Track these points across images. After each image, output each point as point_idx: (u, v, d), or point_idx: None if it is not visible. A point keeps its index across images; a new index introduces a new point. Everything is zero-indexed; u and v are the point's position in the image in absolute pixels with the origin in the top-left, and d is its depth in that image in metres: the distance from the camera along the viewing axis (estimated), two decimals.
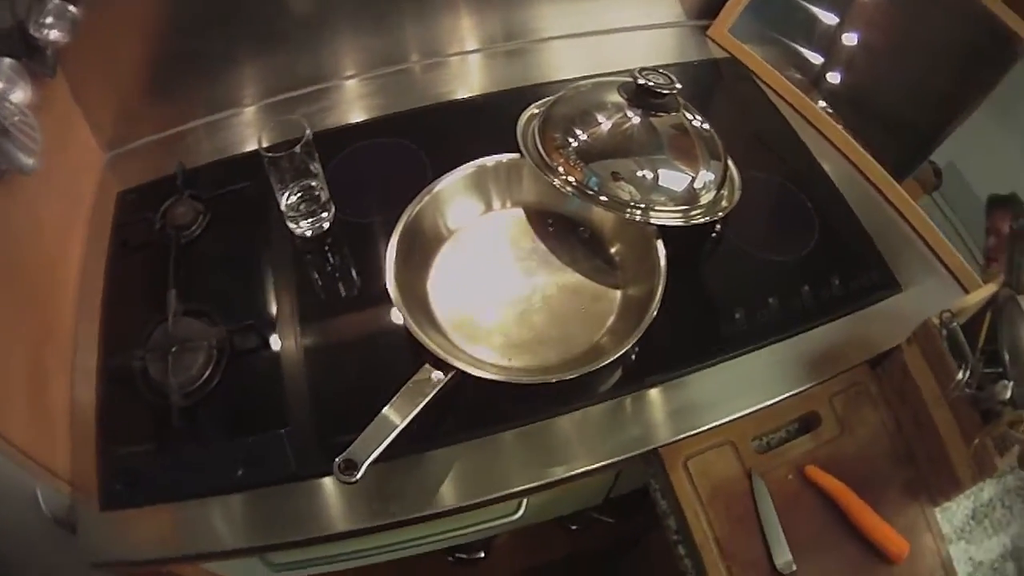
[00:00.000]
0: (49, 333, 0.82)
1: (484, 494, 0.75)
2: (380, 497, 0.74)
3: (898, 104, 1.05)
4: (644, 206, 0.83)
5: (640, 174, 0.85)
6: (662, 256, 0.82)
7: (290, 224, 0.92)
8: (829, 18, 1.10)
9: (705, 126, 0.90)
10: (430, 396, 0.73)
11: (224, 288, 0.90)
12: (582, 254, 0.90)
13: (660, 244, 0.83)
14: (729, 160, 0.90)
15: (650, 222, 0.83)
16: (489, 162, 0.90)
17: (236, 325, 0.84)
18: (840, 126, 1.04)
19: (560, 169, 0.86)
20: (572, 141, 0.87)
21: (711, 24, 1.17)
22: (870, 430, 0.78)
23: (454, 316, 0.84)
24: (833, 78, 1.11)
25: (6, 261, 0.77)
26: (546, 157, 0.87)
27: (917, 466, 0.76)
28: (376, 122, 1.05)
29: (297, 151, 0.84)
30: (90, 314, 0.87)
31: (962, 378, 0.67)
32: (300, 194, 0.90)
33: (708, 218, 0.86)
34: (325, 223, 0.93)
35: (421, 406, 0.72)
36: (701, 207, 0.86)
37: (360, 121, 1.06)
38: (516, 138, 0.90)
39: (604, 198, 0.83)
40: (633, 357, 0.81)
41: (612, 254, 0.90)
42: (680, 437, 0.77)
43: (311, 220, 0.92)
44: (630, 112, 0.87)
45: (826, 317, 0.85)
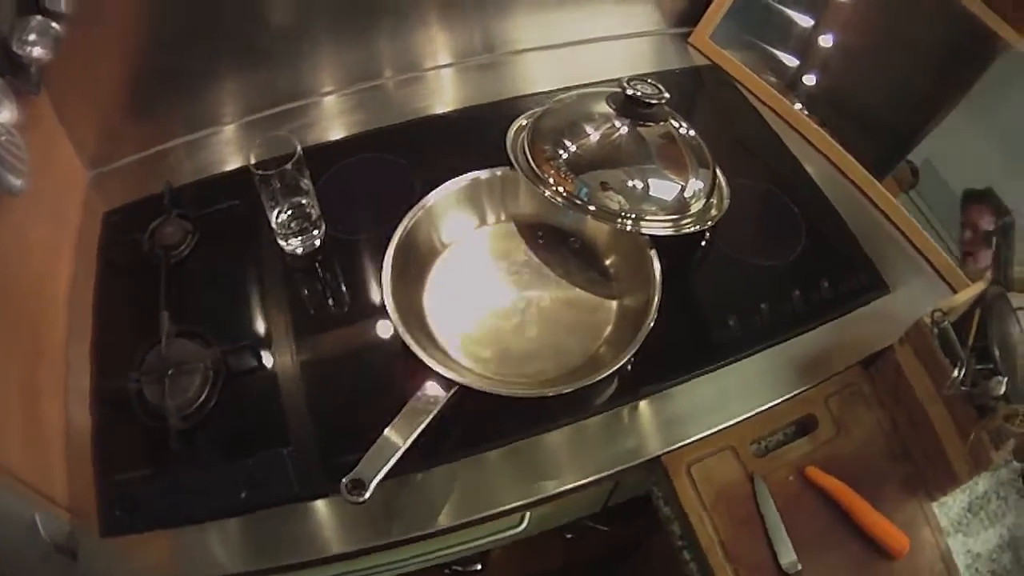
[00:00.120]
0: (40, 357, 0.80)
1: (488, 509, 0.75)
2: (385, 516, 0.74)
3: (877, 105, 1.07)
4: (635, 216, 0.84)
5: (630, 184, 0.86)
6: (656, 266, 0.83)
7: (281, 242, 0.91)
8: (808, 21, 1.11)
9: (692, 134, 0.90)
10: (434, 413, 0.73)
11: (216, 308, 0.88)
12: (576, 266, 0.90)
13: (654, 254, 0.84)
14: (717, 168, 0.91)
15: (641, 232, 0.84)
16: (483, 175, 0.90)
17: (231, 345, 0.83)
18: (821, 129, 1.05)
19: (551, 180, 0.86)
20: (562, 152, 0.87)
21: (691, 32, 1.18)
22: (866, 430, 0.80)
23: (451, 331, 0.84)
24: (813, 81, 1.12)
25: None
26: (536, 169, 0.87)
27: (913, 463, 0.78)
28: (359, 138, 1.05)
29: (288, 168, 0.83)
30: (81, 337, 0.85)
31: (958, 375, 0.68)
32: (291, 212, 0.89)
33: (698, 227, 0.86)
34: (316, 240, 0.92)
35: (426, 423, 0.72)
36: (691, 216, 0.86)
37: (343, 137, 1.05)
38: (505, 150, 0.91)
39: (595, 208, 0.84)
40: (629, 367, 0.81)
41: (606, 265, 0.91)
42: (681, 444, 0.78)
43: (302, 238, 0.91)
44: (618, 122, 0.88)
45: (818, 320, 0.87)
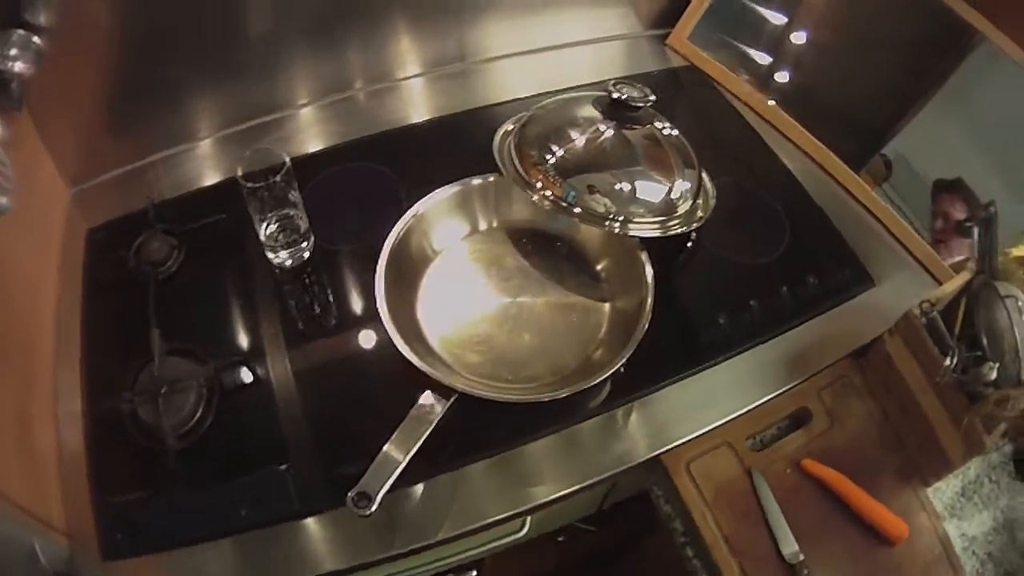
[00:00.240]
0: (31, 380, 0.78)
1: (491, 515, 0.75)
2: (388, 527, 0.74)
3: (852, 100, 1.08)
4: (623, 218, 0.85)
5: (618, 187, 0.86)
6: (648, 267, 0.84)
7: (270, 255, 0.90)
8: (783, 20, 1.13)
9: (677, 136, 0.91)
10: (435, 422, 0.73)
11: (207, 324, 0.87)
12: (568, 270, 0.91)
13: (645, 256, 0.85)
14: (702, 169, 0.92)
15: (629, 234, 0.85)
16: (475, 181, 0.90)
17: (224, 362, 0.82)
18: (800, 125, 1.07)
19: (539, 185, 0.87)
20: (549, 157, 0.87)
21: (666, 34, 1.19)
22: (858, 420, 0.82)
23: (446, 338, 0.84)
24: (788, 78, 1.13)
25: None
26: (524, 174, 0.88)
27: (906, 451, 0.80)
28: (338, 149, 1.03)
29: (278, 180, 0.82)
30: (70, 357, 0.83)
31: (950, 364, 0.70)
32: (279, 224, 0.88)
33: (685, 228, 0.87)
34: (305, 253, 0.91)
35: (428, 432, 0.72)
36: (678, 217, 0.87)
37: (321, 149, 1.04)
38: (491, 156, 0.91)
39: (584, 211, 0.84)
40: (622, 369, 0.81)
41: (598, 269, 0.91)
42: (679, 442, 0.79)
43: (291, 250, 0.90)
44: (603, 126, 0.88)
45: (806, 315, 0.88)
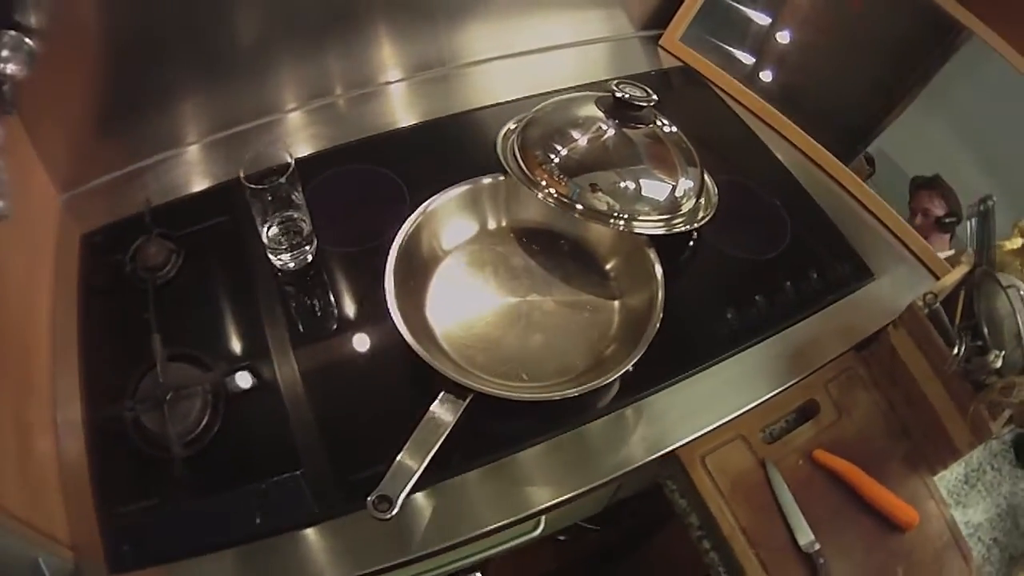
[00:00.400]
0: (28, 388, 0.76)
1: (509, 515, 0.75)
2: (405, 530, 0.73)
3: (839, 98, 1.11)
4: (627, 216, 0.85)
5: (623, 185, 0.87)
6: (657, 265, 0.85)
7: (272, 257, 0.89)
8: (773, 20, 1.14)
9: (678, 135, 0.92)
10: (454, 422, 0.73)
11: (209, 329, 0.85)
12: (576, 269, 0.91)
13: (654, 253, 0.85)
14: (704, 168, 0.93)
15: (634, 232, 0.86)
16: (485, 180, 0.90)
17: (229, 367, 0.81)
18: (794, 124, 1.09)
19: (543, 184, 0.87)
20: (553, 157, 0.88)
21: (656, 35, 1.21)
22: (865, 411, 0.83)
23: (457, 338, 0.83)
24: (776, 77, 1.15)
25: None
26: (529, 173, 0.88)
27: (913, 440, 0.81)
28: (333, 152, 1.02)
29: (283, 181, 0.81)
30: (67, 366, 0.81)
31: (957, 353, 0.72)
32: (282, 226, 0.87)
33: (689, 226, 0.88)
34: (309, 255, 0.90)
35: (447, 433, 0.72)
36: (682, 215, 0.88)
37: (318, 152, 1.02)
38: (495, 157, 0.91)
39: (590, 210, 0.85)
40: (631, 367, 0.81)
41: (607, 267, 0.91)
42: (694, 436, 0.80)
43: (294, 252, 0.89)
44: (606, 125, 0.89)
45: (810, 310, 0.90)
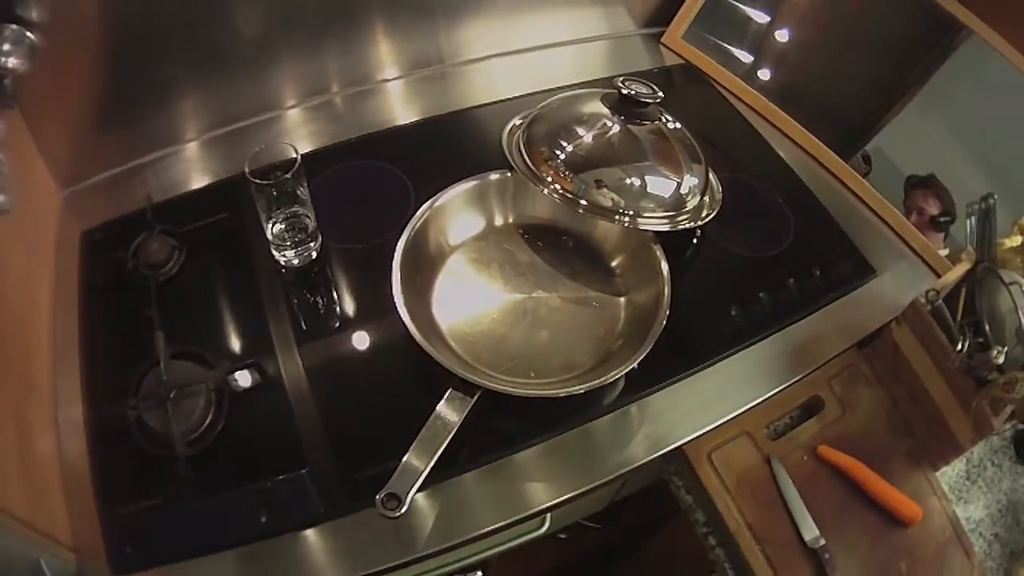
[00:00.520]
0: (29, 389, 0.75)
1: (517, 512, 0.75)
2: (406, 530, 0.73)
3: (841, 97, 1.11)
4: (632, 213, 0.86)
5: (628, 182, 0.87)
6: (663, 261, 0.85)
7: (276, 253, 0.88)
8: (774, 18, 1.15)
9: (683, 132, 0.93)
10: (462, 419, 0.72)
11: (212, 326, 0.85)
12: (582, 265, 0.91)
13: (660, 250, 0.85)
14: (709, 165, 0.93)
15: (638, 228, 0.86)
16: (492, 176, 0.90)
17: (233, 364, 0.80)
18: (795, 122, 1.09)
19: (549, 180, 0.87)
20: (559, 153, 0.88)
21: (661, 32, 1.21)
22: (868, 408, 0.84)
23: (464, 334, 0.83)
24: (780, 75, 1.15)
25: None
26: (535, 169, 0.88)
27: (915, 436, 0.82)
28: (334, 148, 1.01)
29: (288, 177, 0.81)
30: (68, 364, 0.80)
31: (960, 349, 0.73)
32: (287, 222, 0.87)
33: (694, 223, 0.89)
34: (313, 252, 0.90)
35: (455, 431, 0.72)
36: (687, 212, 0.89)
37: (319, 148, 1.01)
38: (501, 152, 0.91)
39: (595, 206, 0.85)
40: (636, 365, 0.81)
41: (612, 264, 0.91)
42: (700, 433, 0.80)
43: (299, 249, 0.88)
44: (611, 122, 0.89)
45: (813, 307, 0.90)
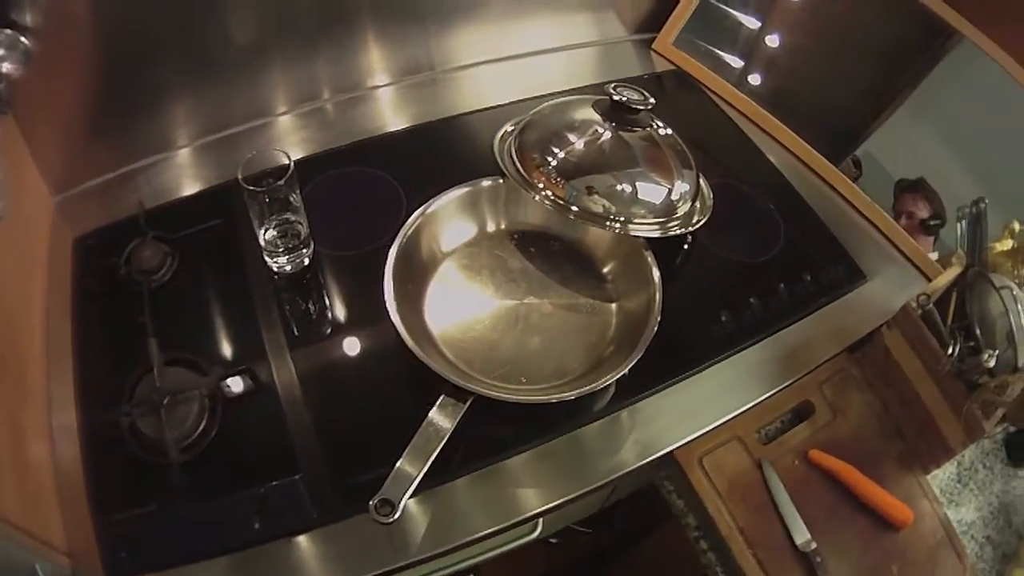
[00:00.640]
0: (23, 395, 0.75)
1: (509, 518, 0.75)
2: (398, 536, 0.73)
3: (832, 102, 1.12)
4: (623, 219, 0.86)
5: (619, 188, 0.88)
6: (654, 268, 0.85)
7: (269, 260, 0.88)
8: (764, 24, 1.16)
9: (674, 138, 0.93)
10: (455, 425, 0.73)
11: (205, 333, 0.85)
12: (574, 272, 0.91)
13: (651, 256, 0.86)
14: (699, 171, 0.93)
15: (629, 234, 0.86)
16: (484, 183, 0.90)
17: (226, 371, 0.80)
18: (786, 127, 1.10)
19: (541, 186, 0.87)
20: (550, 159, 0.88)
21: (652, 39, 1.21)
22: (859, 412, 0.84)
23: (455, 341, 0.83)
24: (770, 81, 1.16)
25: None
26: (527, 176, 0.89)
27: (907, 439, 0.83)
28: (324, 155, 1.01)
29: (281, 183, 0.81)
30: (61, 371, 0.80)
31: (952, 353, 0.73)
32: (279, 228, 0.87)
33: (684, 229, 0.89)
34: (306, 258, 0.90)
35: (447, 437, 0.72)
36: (678, 219, 0.89)
37: (310, 155, 1.01)
38: (491, 159, 0.91)
39: (586, 212, 0.85)
40: (627, 370, 0.81)
41: (604, 270, 0.92)
42: (691, 438, 0.80)
43: (291, 255, 0.88)
44: (602, 128, 0.90)
45: (803, 312, 0.91)
